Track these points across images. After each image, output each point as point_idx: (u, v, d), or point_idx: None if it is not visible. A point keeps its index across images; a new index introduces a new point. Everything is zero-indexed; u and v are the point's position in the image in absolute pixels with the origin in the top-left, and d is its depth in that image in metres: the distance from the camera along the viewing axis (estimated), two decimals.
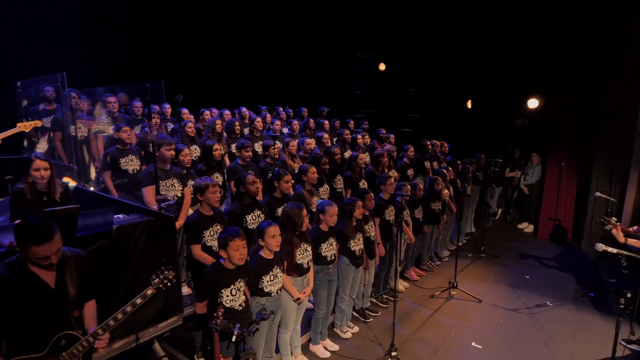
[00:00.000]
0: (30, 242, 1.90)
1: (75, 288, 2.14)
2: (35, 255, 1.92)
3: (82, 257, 2.24)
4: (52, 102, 5.36)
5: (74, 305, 2.12)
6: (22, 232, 1.93)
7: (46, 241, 1.91)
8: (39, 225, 1.93)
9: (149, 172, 3.69)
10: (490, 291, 5.21)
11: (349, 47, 9.97)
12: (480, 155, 7.23)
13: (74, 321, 2.13)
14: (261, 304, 2.93)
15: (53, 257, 1.97)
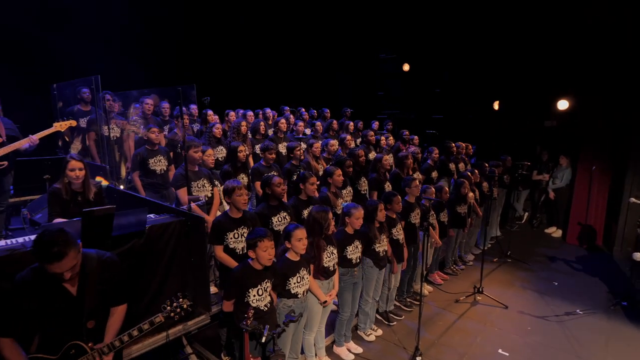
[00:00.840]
0: (41, 259, 1.92)
1: (96, 298, 2.14)
2: (48, 271, 1.94)
3: (110, 262, 2.24)
4: (88, 104, 5.57)
5: (89, 316, 2.14)
6: (35, 248, 1.93)
7: (56, 261, 1.89)
8: (52, 242, 1.89)
9: (180, 174, 3.78)
10: (517, 297, 5.09)
11: (373, 47, 9.91)
12: (507, 158, 7.06)
13: (85, 332, 2.14)
14: (288, 305, 2.96)
15: (66, 273, 1.96)
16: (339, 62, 10.57)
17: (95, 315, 2.18)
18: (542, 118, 8.11)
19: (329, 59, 10.54)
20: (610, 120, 6.72)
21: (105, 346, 2.16)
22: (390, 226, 4.12)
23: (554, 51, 7.19)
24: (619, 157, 6.71)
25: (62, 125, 4.27)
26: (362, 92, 10.55)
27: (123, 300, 2.34)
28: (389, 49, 9.74)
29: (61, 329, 2.07)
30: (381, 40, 9.73)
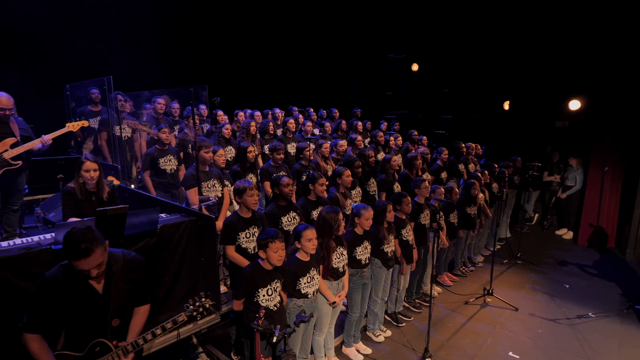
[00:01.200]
0: (70, 255, 1.97)
1: (122, 296, 2.18)
2: (75, 268, 1.99)
3: (135, 262, 2.27)
4: (98, 104, 5.64)
5: (114, 314, 2.17)
6: (64, 245, 1.98)
7: (83, 257, 1.94)
8: (80, 239, 1.94)
9: (191, 174, 3.80)
10: (527, 299, 5.04)
11: (381, 47, 9.89)
12: (517, 158, 7.00)
13: (110, 330, 2.17)
14: (298, 305, 2.97)
15: (93, 270, 2.00)
16: (347, 62, 10.57)
17: (120, 314, 2.21)
18: (553, 118, 8.03)
19: (337, 59, 10.55)
20: (624, 121, 6.62)
21: (129, 344, 2.19)
22: (400, 227, 4.11)
23: (566, 50, 7.12)
24: (631, 158, 6.61)
25: (74, 125, 4.32)
26: (370, 92, 10.53)
27: (146, 300, 2.37)
28: (398, 48, 9.71)
29: (87, 327, 2.11)
30: (390, 40, 9.70)
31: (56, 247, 2.60)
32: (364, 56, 10.28)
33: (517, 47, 7.72)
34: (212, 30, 8.59)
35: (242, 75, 8.99)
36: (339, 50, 10.31)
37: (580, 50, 6.94)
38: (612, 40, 6.50)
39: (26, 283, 2.47)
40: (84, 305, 2.09)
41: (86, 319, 2.10)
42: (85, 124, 4.48)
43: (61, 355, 2.07)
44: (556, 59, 7.32)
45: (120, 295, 2.17)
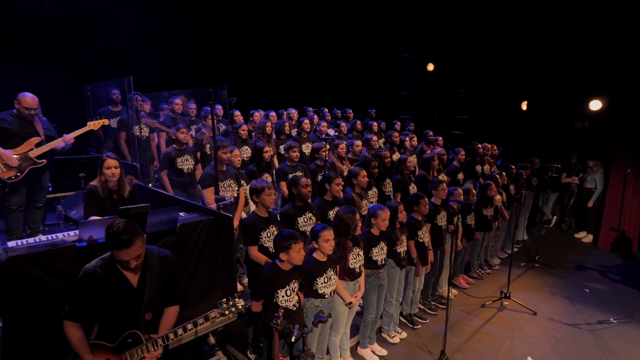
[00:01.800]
0: (112, 246, 2.05)
1: (155, 291, 2.24)
2: (116, 258, 2.08)
3: (169, 260, 2.33)
4: (118, 104, 5.75)
5: (148, 308, 2.23)
6: (107, 235, 2.07)
7: (125, 247, 2.02)
8: (122, 230, 2.03)
9: (208, 174, 3.84)
10: (546, 303, 4.94)
11: (395, 46, 9.83)
12: (534, 160, 6.87)
13: (143, 323, 2.23)
14: (315, 305, 2.97)
15: (132, 262, 2.09)
16: (362, 63, 10.54)
17: (153, 308, 2.27)
18: (572, 119, 7.85)
19: (352, 59, 10.52)
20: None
21: (159, 337, 2.23)
22: (416, 228, 4.08)
23: (586, 49, 6.95)
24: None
25: (95, 124, 4.42)
26: (385, 92, 10.47)
27: (177, 301, 2.40)
28: (412, 48, 9.63)
29: (121, 318, 2.18)
30: (404, 39, 9.63)
31: (80, 244, 2.67)
32: (379, 56, 10.23)
33: (536, 46, 7.58)
34: (229, 31, 8.67)
35: (257, 75, 9.04)
36: (353, 50, 10.29)
37: (600, 49, 6.78)
38: (634, 38, 6.32)
39: (51, 279, 2.54)
40: (120, 297, 2.16)
41: (121, 310, 2.17)
42: (106, 122, 4.58)
43: (95, 345, 2.15)
44: (576, 58, 7.16)
45: (154, 289, 2.24)
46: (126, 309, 2.19)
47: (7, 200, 4.01)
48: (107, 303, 2.14)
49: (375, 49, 10.12)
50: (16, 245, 2.66)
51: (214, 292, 3.43)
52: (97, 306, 2.15)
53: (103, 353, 2.15)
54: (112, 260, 2.15)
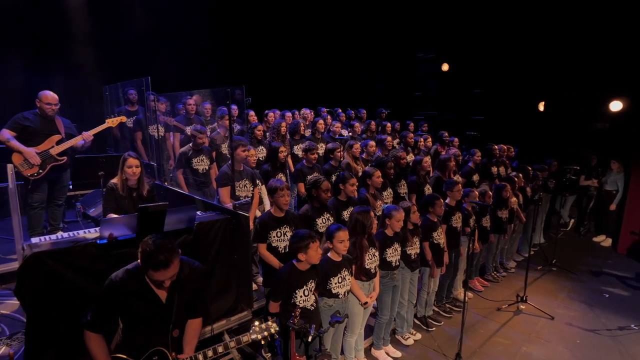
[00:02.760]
0: (149, 265, 1.93)
1: (183, 306, 2.14)
2: (150, 277, 1.97)
3: (198, 272, 2.24)
4: (135, 104, 5.84)
5: (175, 324, 2.14)
6: (143, 253, 1.95)
7: (162, 268, 1.92)
8: (160, 249, 1.91)
9: (225, 173, 3.87)
10: (564, 308, 4.85)
11: (410, 47, 9.76)
12: (552, 162, 6.75)
13: (170, 340, 2.13)
14: (329, 305, 2.97)
15: (167, 281, 1.98)
16: (376, 63, 10.49)
17: (180, 325, 2.18)
18: (591, 120, 7.69)
19: (366, 60, 10.49)
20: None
21: (188, 358, 2.13)
22: (431, 230, 4.05)
23: (606, 48, 6.80)
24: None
25: (113, 121, 4.49)
26: (399, 92, 10.41)
27: (201, 313, 2.34)
28: (427, 48, 9.55)
29: (147, 334, 2.08)
30: (419, 39, 9.55)
31: (101, 241, 2.72)
32: (393, 56, 10.17)
33: (554, 45, 7.44)
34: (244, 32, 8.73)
35: (270, 76, 9.08)
36: (367, 50, 10.25)
37: (621, 48, 6.62)
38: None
39: (73, 275, 2.59)
40: (147, 312, 2.06)
41: (147, 326, 2.07)
42: (124, 119, 4.66)
43: (117, 359, 2.05)
44: (595, 57, 7.00)
45: (182, 305, 2.14)
46: (153, 325, 2.08)
47: (29, 197, 4.11)
48: (133, 318, 2.06)
49: (390, 49, 10.07)
50: (39, 241, 2.72)
51: (229, 291, 3.46)
52: (123, 318, 2.07)
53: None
54: (140, 272, 2.04)
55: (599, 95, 6.99)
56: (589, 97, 7.25)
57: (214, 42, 8.14)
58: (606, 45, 6.79)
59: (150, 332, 2.09)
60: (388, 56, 10.21)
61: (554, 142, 7.75)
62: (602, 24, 6.75)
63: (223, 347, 2.19)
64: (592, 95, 7.16)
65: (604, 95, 6.86)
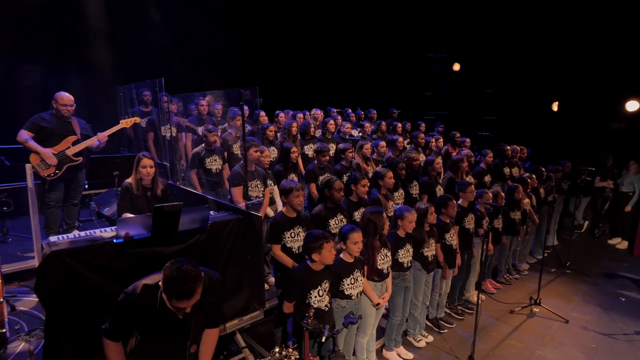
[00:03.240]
0: (171, 294, 1.88)
1: (201, 322, 2.13)
2: (171, 304, 1.93)
3: (217, 284, 2.19)
4: (148, 105, 5.91)
5: (192, 340, 2.13)
6: (167, 280, 1.89)
7: (185, 298, 1.88)
8: (184, 278, 1.85)
9: (237, 173, 3.90)
10: (579, 311, 4.77)
11: (420, 46, 9.70)
12: (566, 163, 6.65)
13: (188, 356, 2.13)
14: (342, 306, 2.97)
15: (187, 309, 1.95)
16: (387, 62, 10.45)
17: (198, 340, 2.16)
18: (606, 120, 7.55)
19: (376, 59, 10.46)
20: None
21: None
22: (444, 231, 4.02)
23: (622, 46, 6.67)
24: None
25: (127, 122, 4.56)
26: (409, 92, 10.36)
27: (218, 323, 2.33)
28: (438, 48, 9.48)
29: (163, 349, 2.07)
30: (430, 39, 9.49)
31: (117, 240, 2.76)
32: (403, 56, 10.12)
33: (568, 44, 7.33)
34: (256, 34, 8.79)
35: (280, 76, 9.11)
36: (377, 50, 10.22)
37: (637, 47, 6.49)
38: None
39: (91, 274, 2.63)
40: (164, 328, 2.04)
41: (163, 341, 2.06)
42: (137, 120, 4.72)
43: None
44: (611, 56, 6.88)
45: (200, 321, 2.12)
46: (170, 341, 2.07)
47: (46, 197, 4.20)
48: (151, 332, 2.05)
49: (400, 49, 10.02)
50: (58, 240, 2.77)
51: (242, 290, 3.48)
52: (139, 331, 2.07)
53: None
54: (158, 291, 2.00)
55: (614, 95, 6.87)
56: (604, 97, 7.13)
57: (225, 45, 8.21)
58: (622, 43, 6.67)
59: (167, 347, 2.07)
60: (398, 56, 10.17)
61: (568, 143, 7.64)
62: (617, 22, 6.63)
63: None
64: (608, 95, 7.04)
65: (620, 95, 6.73)
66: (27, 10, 5.88)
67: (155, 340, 2.06)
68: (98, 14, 6.51)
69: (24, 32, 5.94)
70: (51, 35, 6.17)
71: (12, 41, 5.91)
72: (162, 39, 7.00)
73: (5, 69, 5.81)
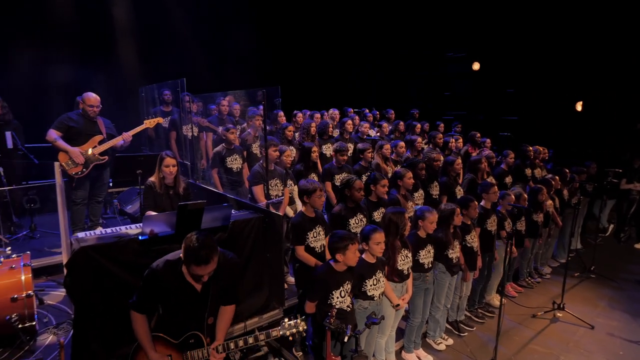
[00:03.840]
0: (191, 260, 2.04)
1: (218, 296, 2.27)
2: (191, 271, 2.08)
3: (233, 263, 2.35)
4: (169, 105, 6.02)
5: (210, 312, 2.27)
6: (187, 248, 2.06)
7: (204, 264, 2.03)
8: (203, 246, 2.03)
9: (257, 172, 3.93)
10: (605, 317, 4.63)
11: (439, 46, 9.58)
12: (591, 164, 6.46)
13: (205, 327, 2.27)
14: (364, 307, 2.96)
15: (205, 276, 2.10)
16: (405, 62, 10.37)
17: (215, 313, 2.30)
18: (634, 120, 7.31)
19: (394, 59, 10.39)
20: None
21: (220, 345, 2.25)
22: (465, 232, 3.96)
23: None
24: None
25: (151, 122, 4.65)
26: (428, 92, 10.25)
27: (234, 300, 2.44)
28: (458, 47, 9.35)
29: (184, 320, 2.22)
30: (449, 38, 9.36)
31: (142, 237, 2.82)
32: (422, 56, 10.02)
33: (592, 42, 7.12)
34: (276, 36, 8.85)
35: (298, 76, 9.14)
36: (396, 49, 10.14)
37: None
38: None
39: (118, 269, 2.70)
40: (183, 300, 2.19)
41: (185, 312, 2.21)
42: (160, 120, 4.81)
43: (158, 337, 2.21)
44: (637, 54, 6.66)
45: (217, 294, 2.25)
46: (190, 312, 2.22)
47: (72, 194, 4.32)
48: (172, 303, 2.19)
49: (419, 48, 9.92)
50: (85, 236, 2.85)
51: (262, 289, 3.51)
52: (162, 303, 2.21)
53: (165, 348, 2.21)
54: (178, 264, 2.18)
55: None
56: (631, 96, 6.90)
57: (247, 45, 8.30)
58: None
59: (187, 318, 2.22)
60: (417, 56, 10.07)
61: (593, 144, 7.42)
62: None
63: (253, 338, 2.32)
64: (635, 93, 6.81)
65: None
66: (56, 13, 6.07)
67: (176, 312, 2.20)
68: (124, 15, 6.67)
69: (52, 34, 6.13)
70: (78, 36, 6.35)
71: (41, 43, 6.10)
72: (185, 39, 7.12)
73: (34, 71, 6.01)
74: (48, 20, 6.11)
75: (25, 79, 5.88)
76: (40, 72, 6.07)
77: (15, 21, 5.95)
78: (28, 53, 5.97)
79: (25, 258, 3.28)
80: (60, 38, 6.20)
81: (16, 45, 5.95)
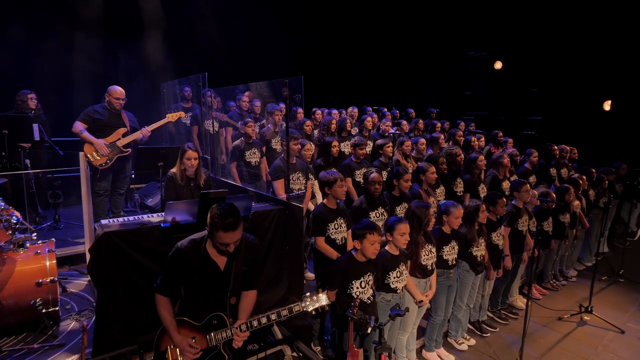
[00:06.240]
0: (219, 226, 2.04)
1: (240, 276, 2.27)
2: (218, 240, 2.07)
3: (253, 244, 2.35)
4: (189, 101, 6.08)
5: (233, 292, 2.27)
6: (213, 216, 2.07)
7: (231, 230, 2.04)
8: (229, 213, 2.05)
9: (278, 166, 3.91)
10: (635, 322, 4.43)
11: (460, 45, 9.44)
12: (621, 165, 6.22)
13: (228, 307, 2.27)
14: (387, 300, 2.89)
15: (231, 245, 2.10)
16: (425, 62, 10.25)
17: (237, 293, 2.30)
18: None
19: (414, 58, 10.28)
20: None
21: (243, 324, 2.24)
22: (491, 230, 3.85)
23: None
24: None
25: (173, 116, 4.71)
26: (448, 92, 10.09)
27: (256, 285, 2.41)
28: (479, 46, 9.18)
29: (207, 300, 2.22)
30: (470, 37, 9.21)
31: (164, 224, 2.82)
32: (442, 55, 9.88)
33: (619, 39, 6.87)
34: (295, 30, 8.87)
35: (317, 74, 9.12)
36: (416, 49, 10.04)
37: None
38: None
39: (140, 255, 2.71)
40: (207, 279, 2.19)
41: (208, 292, 2.21)
42: (182, 114, 4.87)
43: (182, 321, 2.21)
44: None
45: (239, 274, 2.26)
46: (212, 292, 2.22)
47: (95, 185, 4.39)
48: (196, 283, 2.19)
49: (439, 47, 9.79)
50: (109, 222, 2.88)
51: (281, 281, 3.49)
52: (186, 284, 2.21)
53: (189, 331, 2.20)
54: (203, 242, 2.19)
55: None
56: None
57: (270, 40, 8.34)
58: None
59: (210, 298, 2.23)
60: (438, 55, 9.94)
61: (622, 144, 7.15)
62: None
63: (276, 315, 2.29)
64: None
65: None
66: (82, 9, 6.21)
67: (199, 292, 2.21)
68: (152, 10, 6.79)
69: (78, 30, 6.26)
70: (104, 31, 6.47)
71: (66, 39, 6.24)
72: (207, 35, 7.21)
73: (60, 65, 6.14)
74: (73, 16, 6.24)
75: (52, 73, 6.01)
76: (65, 67, 6.21)
77: (39, 14, 6.06)
78: (52, 45, 6.09)
79: (50, 244, 3.34)
80: (85, 33, 6.34)
81: (40, 38, 6.06)
